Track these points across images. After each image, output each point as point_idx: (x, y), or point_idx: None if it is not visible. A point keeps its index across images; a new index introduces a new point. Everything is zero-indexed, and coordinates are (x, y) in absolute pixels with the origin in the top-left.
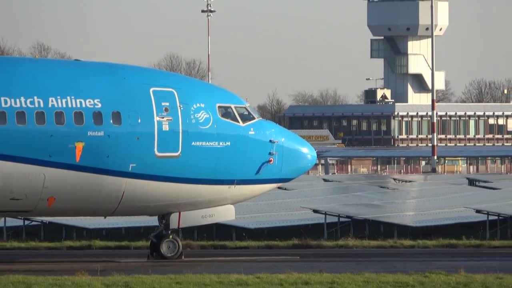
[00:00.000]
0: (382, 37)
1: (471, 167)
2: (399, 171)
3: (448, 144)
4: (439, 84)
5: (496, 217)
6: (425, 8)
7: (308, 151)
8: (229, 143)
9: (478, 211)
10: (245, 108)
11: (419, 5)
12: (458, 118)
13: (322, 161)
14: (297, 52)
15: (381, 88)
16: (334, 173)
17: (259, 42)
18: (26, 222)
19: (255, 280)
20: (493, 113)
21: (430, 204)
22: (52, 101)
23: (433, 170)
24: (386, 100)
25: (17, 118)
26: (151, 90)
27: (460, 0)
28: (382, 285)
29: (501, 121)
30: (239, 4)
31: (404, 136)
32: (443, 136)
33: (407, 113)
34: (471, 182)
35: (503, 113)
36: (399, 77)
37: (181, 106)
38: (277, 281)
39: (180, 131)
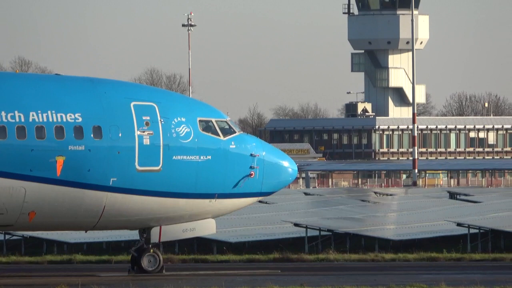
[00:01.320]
0: (363, 51)
1: (452, 180)
2: (380, 185)
3: (429, 158)
4: (420, 98)
5: (477, 230)
6: (405, 21)
7: (289, 165)
8: (210, 157)
9: (459, 224)
10: (226, 122)
11: (400, 18)
12: (439, 132)
13: (303, 175)
14: (278, 66)
15: (362, 102)
16: (315, 187)
17: (239, 56)
18: (7, 237)
19: None
20: (474, 127)
21: (411, 218)
22: (33, 115)
23: (414, 184)
24: (367, 113)
25: None
26: (131, 104)
27: (440, 14)
28: None
29: (482, 135)
30: (220, 19)
31: (385, 149)
32: (424, 150)
33: (388, 127)
34: (452, 195)
35: (483, 127)
36: (380, 91)
37: (162, 120)
38: None
39: (161, 145)
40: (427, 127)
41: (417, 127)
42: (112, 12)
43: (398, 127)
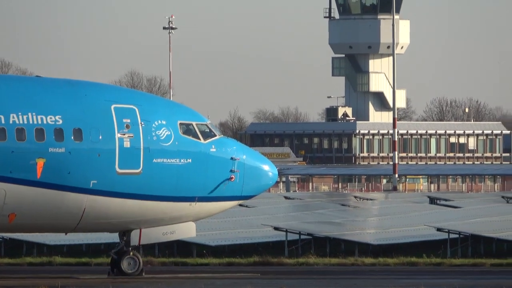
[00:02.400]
0: (343, 55)
1: (432, 185)
2: (360, 189)
3: (409, 163)
4: (400, 103)
5: (457, 236)
6: (386, 26)
7: (269, 169)
8: (190, 160)
9: (439, 230)
10: (206, 125)
11: (380, 23)
12: (419, 137)
13: (283, 179)
14: (258, 69)
15: (342, 106)
16: (295, 191)
17: (220, 60)
18: None
19: None
20: (454, 132)
21: (391, 222)
22: (13, 117)
23: (394, 188)
24: (347, 118)
25: None
26: (112, 107)
27: (421, 19)
28: None
29: (462, 140)
30: (201, 22)
31: (365, 154)
32: (404, 155)
33: (369, 131)
34: (432, 200)
35: (464, 132)
36: (361, 95)
37: (142, 123)
38: None
39: (141, 148)
40: (407, 132)
41: (398, 132)
42: (93, 14)
43: (378, 131)
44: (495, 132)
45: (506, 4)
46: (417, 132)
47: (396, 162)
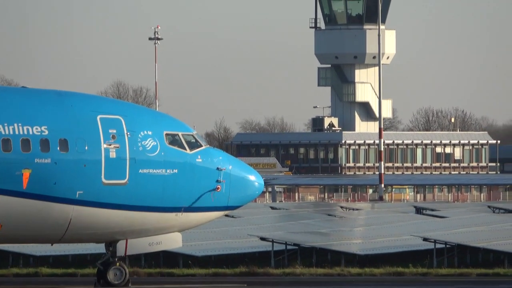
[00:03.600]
0: (330, 65)
1: (418, 195)
2: (347, 199)
3: (395, 173)
4: (386, 113)
5: (443, 245)
6: (372, 36)
7: (255, 179)
8: (176, 171)
9: (425, 239)
10: (192, 135)
11: (366, 33)
12: (405, 147)
13: (270, 189)
14: (245, 80)
15: (328, 116)
16: (282, 201)
17: (206, 70)
18: None
19: None
20: (440, 142)
21: (377, 232)
22: None
23: (380, 198)
24: (333, 128)
25: None
26: (98, 117)
27: (407, 29)
28: None
29: (448, 150)
30: (187, 32)
31: (351, 164)
32: (390, 165)
33: (354, 141)
34: (418, 210)
35: (450, 142)
36: (347, 105)
37: (128, 133)
38: None
39: (127, 158)
40: (393, 142)
41: (384, 142)
42: (79, 24)
43: (364, 141)
44: (481, 142)
45: (492, 15)
46: (403, 142)
47: (382, 172)
